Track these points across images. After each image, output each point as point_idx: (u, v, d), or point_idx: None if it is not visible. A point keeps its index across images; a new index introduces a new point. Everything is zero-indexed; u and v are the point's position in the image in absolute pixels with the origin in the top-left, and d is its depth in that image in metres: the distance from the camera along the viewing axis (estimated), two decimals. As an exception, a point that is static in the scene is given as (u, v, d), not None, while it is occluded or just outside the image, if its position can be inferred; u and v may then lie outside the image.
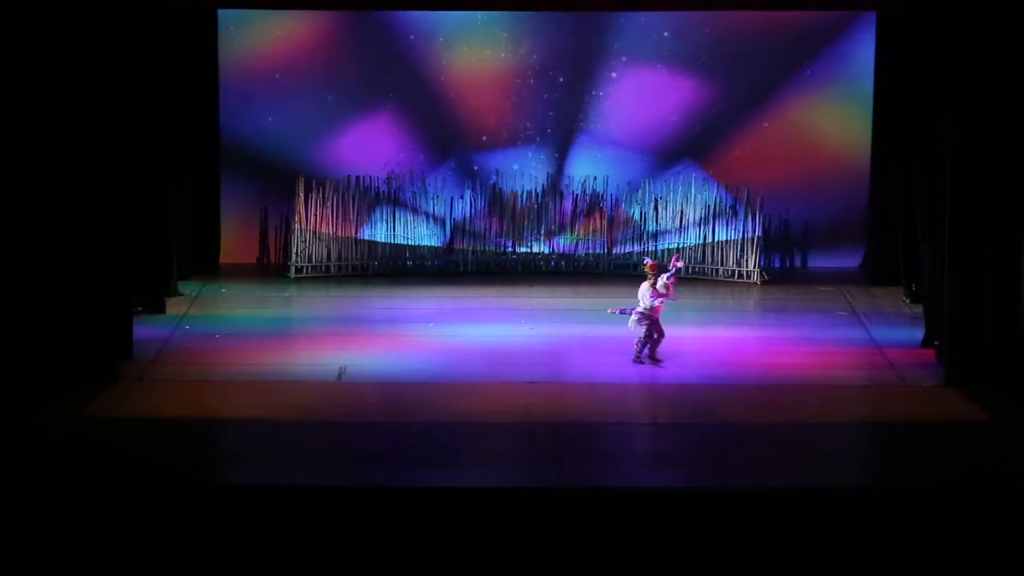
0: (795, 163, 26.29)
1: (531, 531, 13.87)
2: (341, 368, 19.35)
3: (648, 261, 20.05)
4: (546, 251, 26.18)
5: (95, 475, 14.95)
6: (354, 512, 14.05)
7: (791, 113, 26.24)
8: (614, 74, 26.22)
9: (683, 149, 26.34)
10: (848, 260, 26.34)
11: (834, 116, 26.17)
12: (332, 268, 25.69)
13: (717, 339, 20.64)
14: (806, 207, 26.40)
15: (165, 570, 13.71)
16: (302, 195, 25.39)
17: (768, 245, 25.96)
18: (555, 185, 26.27)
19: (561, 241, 26.19)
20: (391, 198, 25.88)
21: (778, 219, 26.25)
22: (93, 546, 13.75)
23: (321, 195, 25.47)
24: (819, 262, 26.51)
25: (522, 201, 26.18)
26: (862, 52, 25.71)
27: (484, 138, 26.40)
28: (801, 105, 26.20)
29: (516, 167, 26.33)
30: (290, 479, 14.97)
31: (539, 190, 26.24)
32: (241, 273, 25.64)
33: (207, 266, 25.56)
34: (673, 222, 25.79)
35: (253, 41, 26.15)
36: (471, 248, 26.15)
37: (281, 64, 26.18)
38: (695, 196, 25.70)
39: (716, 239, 25.59)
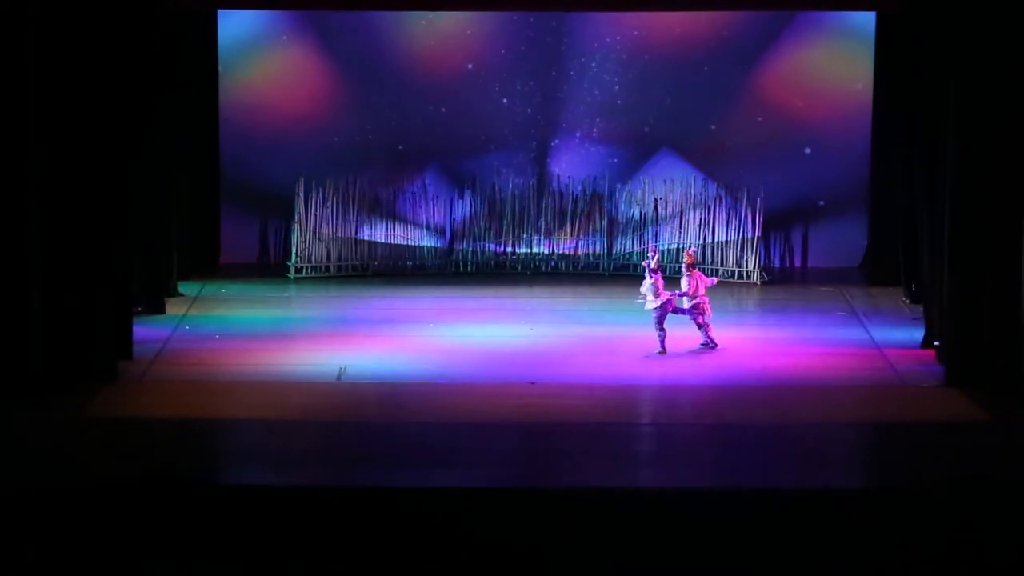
0: (795, 161, 26.27)
1: (530, 531, 13.86)
2: (341, 368, 19.34)
3: (691, 250, 21.07)
4: (545, 251, 26.15)
5: (95, 475, 14.94)
6: (354, 512, 14.04)
7: (790, 110, 26.23)
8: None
9: (670, 141, 26.36)
10: (848, 260, 26.31)
11: (832, 112, 26.11)
12: (332, 268, 25.68)
13: (717, 339, 20.59)
14: (806, 207, 26.38)
15: (165, 570, 13.70)
16: (302, 195, 25.38)
17: (767, 243, 25.99)
18: (548, 185, 26.24)
19: (555, 240, 26.14)
20: (391, 199, 25.86)
21: (778, 219, 26.23)
22: (93, 546, 13.73)
23: (321, 195, 25.46)
24: (819, 262, 26.48)
25: (517, 203, 26.13)
26: (861, 50, 25.66)
27: (472, 143, 26.39)
28: (799, 101, 26.20)
29: (504, 170, 26.30)
30: (290, 479, 14.97)
31: (532, 191, 26.20)
32: (241, 273, 25.62)
33: (207, 266, 25.54)
34: (672, 222, 25.78)
35: (253, 42, 26.13)
36: (471, 248, 26.13)
37: (280, 64, 26.19)
38: (695, 196, 25.67)
39: (716, 239, 25.57)
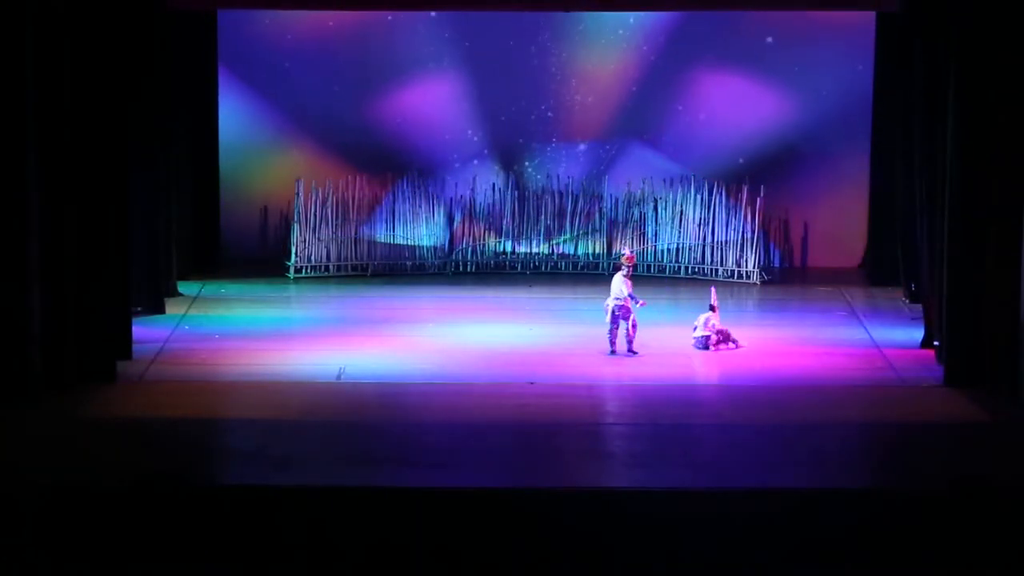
0: (796, 161, 26.28)
1: (529, 531, 13.86)
2: (340, 368, 19.34)
3: (626, 253, 20.75)
4: (545, 251, 26.14)
5: (94, 476, 14.94)
6: (353, 512, 14.04)
7: (789, 109, 26.23)
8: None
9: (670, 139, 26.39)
10: (848, 260, 26.31)
11: (832, 112, 26.09)
12: (332, 268, 25.68)
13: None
14: (806, 207, 26.38)
15: (165, 570, 13.70)
16: (302, 195, 25.37)
17: (767, 242, 26.00)
18: (548, 186, 26.24)
19: (554, 240, 26.15)
20: (390, 199, 25.85)
21: (778, 219, 26.24)
22: (92, 546, 13.73)
23: (321, 195, 25.45)
24: (819, 262, 26.47)
25: (516, 203, 26.12)
26: (860, 49, 25.62)
27: (472, 143, 26.39)
28: (798, 101, 26.21)
29: (502, 170, 26.30)
30: (290, 479, 14.97)
31: (530, 192, 26.20)
32: (241, 273, 25.61)
33: (207, 266, 25.54)
34: (672, 222, 25.78)
35: (252, 42, 26.13)
36: (471, 248, 26.12)
37: (280, 65, 26.20)
38: (694, 196, 25.66)
39: (716, 239, 25.56)
